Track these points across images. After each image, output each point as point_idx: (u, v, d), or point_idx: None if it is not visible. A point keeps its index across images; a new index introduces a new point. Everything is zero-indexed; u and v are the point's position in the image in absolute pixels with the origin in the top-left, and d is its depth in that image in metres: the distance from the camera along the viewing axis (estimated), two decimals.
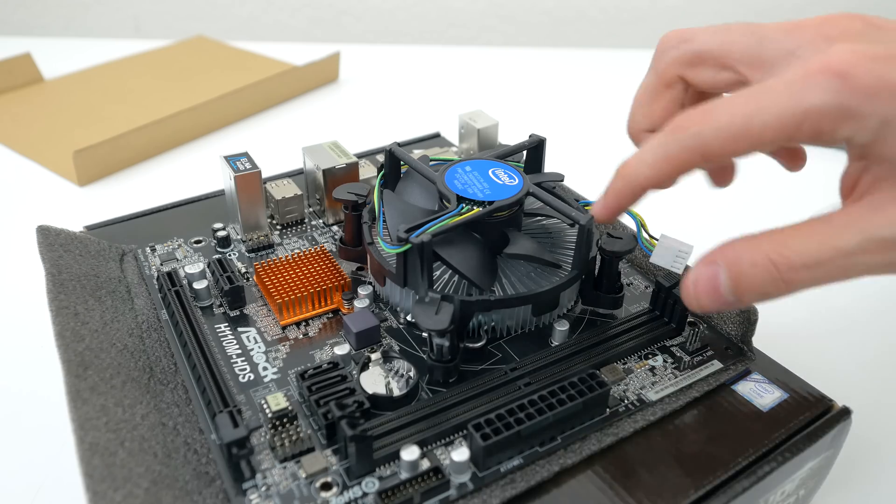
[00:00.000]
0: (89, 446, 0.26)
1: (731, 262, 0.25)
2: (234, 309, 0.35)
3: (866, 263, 0.24)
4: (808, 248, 0.24)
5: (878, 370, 0.42)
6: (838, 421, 0.30)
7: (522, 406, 0.27)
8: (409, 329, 0.34)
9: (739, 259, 0.24)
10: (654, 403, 0.30)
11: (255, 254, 0.40)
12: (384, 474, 0.26)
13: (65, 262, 0.36)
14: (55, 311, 0.32)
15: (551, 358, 0.31)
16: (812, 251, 0.24)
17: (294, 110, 0.79)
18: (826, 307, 0.47)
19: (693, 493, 0.26)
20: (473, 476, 0.26)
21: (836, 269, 0.24)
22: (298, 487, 0.26)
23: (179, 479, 0.26)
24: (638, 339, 0.33)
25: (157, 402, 0.30)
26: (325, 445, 0.27)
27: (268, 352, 0.32)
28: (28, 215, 0.58)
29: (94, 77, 0.86)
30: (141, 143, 0.67)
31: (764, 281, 0.24)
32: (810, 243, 0.24)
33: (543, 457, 0.27)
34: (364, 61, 0.92)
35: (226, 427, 0.26)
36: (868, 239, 0.23)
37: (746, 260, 0.24)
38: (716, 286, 0.25)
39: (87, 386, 0.28)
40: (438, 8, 1.11)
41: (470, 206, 0.32)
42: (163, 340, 0.33)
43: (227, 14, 1.16)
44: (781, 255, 0.24)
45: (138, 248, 0.40)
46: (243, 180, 0.38)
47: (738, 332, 0.33)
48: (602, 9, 1.08)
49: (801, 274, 0.24)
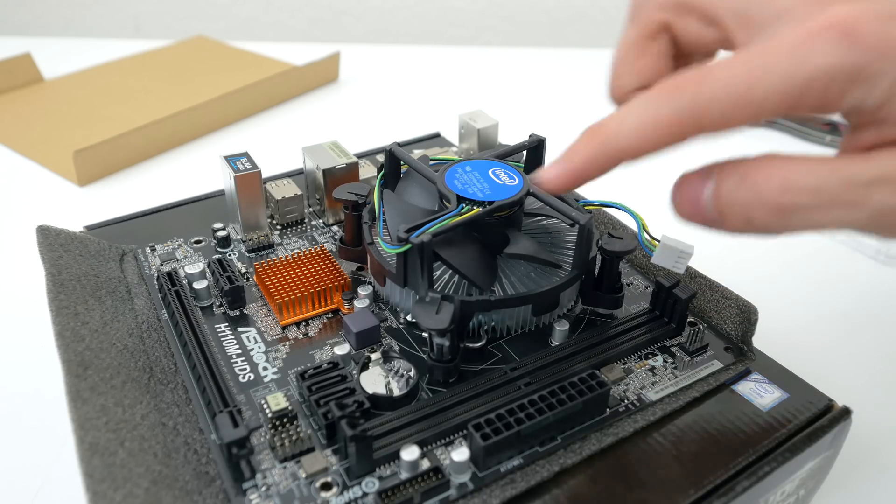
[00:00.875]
0: (89, 446, 0.26)
1: (723, 172, 0.23)
2: (234, 309, 0.35)
3: (877, 203, 0.21)
4: (814, 172, 0.21)
5: (878, 370, 0.42)
6: (838, 421, 0.29)
7: (522, 406, 0.27)
8: (409, 329, 0.34)
9: (733, 170, 0.22)
10: (654, 403, 0.30)
11: (255, 254, 0.40)
12: (384, 474, 0.26)
13: (65, 262, 0.36)
14: (55, 311, 0.32)
15: (551, 358, 0.31)
16: (817, 175, 0.21)
17: (294, 110, 0.79)
18: (826, 307, 0.47)
19: (693, 493, 0.26)
20: (473, 476, 0.26)
21: (841, 202, 0.21)
22: (298, 487, 0.26)
23: (179, 479, 0.26)
24: (638, 339, 0.33)
25: (157, 402, 0.30)
26: (326, 445, 0.27)
27: (268, 352, 0.32)
28: (28, 215, 0.58)
29: (94, 77, 0.86)
30: (141, 143, 0.67)
31: (750, 199, 0.22)
32: (819, 168, 0.21)
33: (543, 457, 0.27)
34: (364, 61, 0.92)
35: (226, 427, 0.26)
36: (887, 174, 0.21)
37: (740, 171, 0.22)
38: (698, 193, 0.23)
39: (87, 386, 0.28)
40: (438, 8, 1.11)
41: (470, 206, 0.32)
42: (163, 340, 0.33)
43: (227, 14, 1.16)
44: (780, 173, 0.21)
45: (138, 248, 0.40)
46: (243, 180, 0.38)
47: (738, 332, 0.33)
48: (602, 9, 1.08)
49: (799, 198, 0.21)
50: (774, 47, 0.21)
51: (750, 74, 0.21)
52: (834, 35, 0.20)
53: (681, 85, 0.22)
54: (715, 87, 0.21)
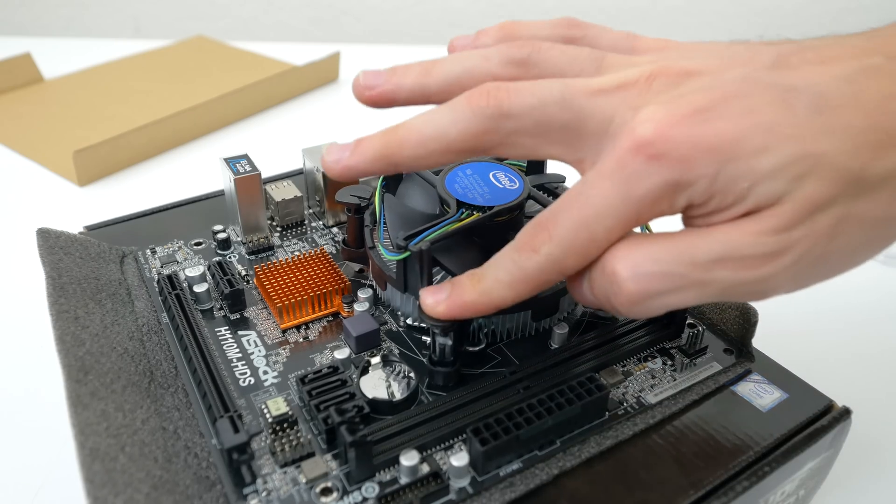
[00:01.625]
0: (90, 452, 0.26)
1: (594, 263, 0.24)
2: (234, 312, 0.35)
3: (722, 281, 0.22)
4: (660, 259, 0.23)
5: (878, 370, 0.42)
6: (838, 421, 0.30)
7: (521, 410, 0.27)
8: (409, 332, 0.34)
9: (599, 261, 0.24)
10: (653, 406, 0.30)
11: (256, 256, 0.40)
12: (384, 479, 0.26)
13: (65, 266, 0.36)
14: (55, 315, 0.32)
15: (550, 361, 0.31)
16: (663, 262, 0.23)
17: (294, 110, 0.79)
18: (826, 307, 0.47)
19: (693, 493, 0.26)
20: (473, 480, 0.26)
21: (689, 284, 0.23)
22: (299, 492, 0.26)
23: (180, 484, 0.26)
24: (637, 342, 0.33)
25: (158, 407, 0.30)
26: (326, 450, 0.28)
27: (268, 355, 0.32)
28: (28, 215, 0.58)
29: (94, 77, 0.86)
30: (141, 143, 0.67)
31: (610, 289, 0.24)
32: (664, 254, 0.23)
33: (543, 460, 0.27)
34: (364, 61, 0.92)
35: (226, 432, 0.26)
36: (726, 252, 0.22)
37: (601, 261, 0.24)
38: (581, 285, 0.25)
39: (87, 391, 0.28)
40: (438, 8, 1.10)
41: (470, 211, 0.32)
42: (163, 343, 0.33)
43: (227, 14, 1.16)
44: (628, 263, 0.23)
45: (139, 249, 0.40)
46: (243, 183, 0.38)
47: (738, 334, 0.33)
48: (602, 9, 1.07)
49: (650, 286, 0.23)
50: (597, 182, 0.23)
51: (586, 216, 0.23)
52: (642, 159, 0.22)
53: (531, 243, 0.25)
54: (564, 239, 0.24)
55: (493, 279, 0.26)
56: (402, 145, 0.26)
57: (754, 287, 0.23)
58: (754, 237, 0.22)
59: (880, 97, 0.22)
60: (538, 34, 0.31)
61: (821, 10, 1.05)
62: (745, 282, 0.23)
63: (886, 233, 0.24)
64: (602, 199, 0.23)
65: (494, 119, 0.25)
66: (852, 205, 0.22)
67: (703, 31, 1.08)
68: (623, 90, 0.24)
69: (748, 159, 0.22)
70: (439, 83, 0.28)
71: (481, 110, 0.25)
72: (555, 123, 0.24)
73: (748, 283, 0.23)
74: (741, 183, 0.22)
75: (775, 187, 0.22)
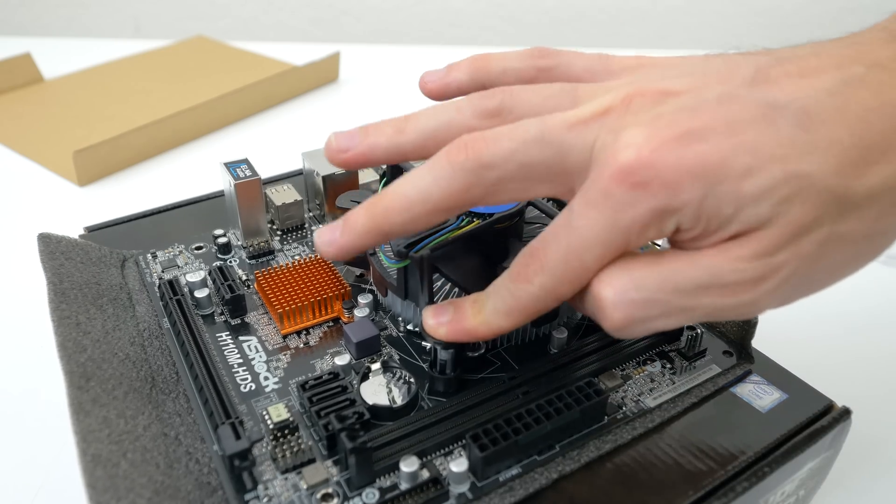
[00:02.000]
0: (92, 458, 0.26)
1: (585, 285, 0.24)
2: (235, 317, 0.35)
3: (706, 307, 0.22)
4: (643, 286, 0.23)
5: (878, 370, 0.42)
6: (838, 421, 0.30)
7: (520, 415, 0.27)
8: (409, 338, 0.34)
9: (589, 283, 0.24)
10: (652, 410, 0.30)
11: (256, 260, 0.40)
12: (384, 485, 0.27)
13: (66, 271, 0.36)
14: (57, 321, 0.32)
15: (549, 366, 0.31)
16: (647, 289, 0.23)
17: (294, 110, 0.79)
18: (826, 307, 0.47)
19: (693, 493, 0.26)
20: (472, 486, 0.27)
21: (673, 310, 0.23)
22: (300, 499, 0.26)
23: (181, 490, 0.26)
24: (636, 345, 0.33)
25: (159, 413, 0.30)
26: (326, 456, 0.28)
27: (269, 361, 0.33)
28: (28, 215, 0.59)
29: (94, 77, 0.86)
30: (141, 143, 0.67)
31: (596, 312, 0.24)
32: (648, 281, 0.23)
33: (542, 465, 0.27)
34: (364, 61, 0.92)
35: (228, 439, 0.26)
36: (710, 279, 0.22)
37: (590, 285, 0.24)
38: (576, 302, 0.25)
39: (89, 398, 0.29)
40: (438, 8, 1.10)
41: (470, 218, 0.32)
42: (164, 349, 0.33)
43: (227, 14, 1.16)
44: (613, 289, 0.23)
45: (140, 253, 0.40)
46: (243, 188, 0.38)
47: (737, 336, 0.33)
48: (602, 9, 1.07)
49: (635, 312, 0.23)
50: (584, 213, 0.23)
51: (575, 247, 0.23)
52: (626, 188, 0.22)
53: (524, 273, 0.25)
54: (554, 271, 0.24)
55: (491, 309, 0.26)
56: (387, 215, 0.25)
57: (740, 310, 0.23)
58: (739, 263, 0.22)
59: (863, 110, 0.22)
60: (509, 67, 0.30)
61: (821, 10, 1.04)
62: (730, 307, 0.22)
63: (873, 247, 0.23)
64: (589, 230, 0.23)
65: (475, 172, 0.24)
66: (837, 225, 0.22)
67: (703, 31, 1.08)
68: (602, 117, 0.23)
69: (733, 182, 0.21)
70: (414, 141, 0.28)
71: (461, 165, 0.24)
72: (538, 163, 0.24)
73: (733, 308, 0.23)
74: (726, 208, 0.22)
75: (760, 211, 0.21)
